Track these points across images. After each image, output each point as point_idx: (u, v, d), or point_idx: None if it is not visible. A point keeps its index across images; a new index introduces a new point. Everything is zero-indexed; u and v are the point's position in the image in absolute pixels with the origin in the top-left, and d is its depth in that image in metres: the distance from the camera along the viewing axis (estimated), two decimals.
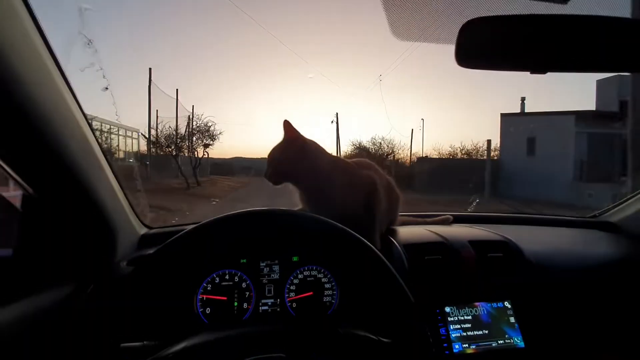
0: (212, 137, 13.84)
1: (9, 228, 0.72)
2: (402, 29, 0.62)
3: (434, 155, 18.44)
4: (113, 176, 0.82)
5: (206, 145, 13.80)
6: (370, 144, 17.30)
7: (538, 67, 0.56)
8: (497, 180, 12.83)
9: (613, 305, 0.89)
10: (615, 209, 1.33)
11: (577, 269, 0.92)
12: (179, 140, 13.29)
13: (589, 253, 1.00)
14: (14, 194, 0.70)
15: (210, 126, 13.81)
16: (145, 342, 0.57)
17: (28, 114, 0.54)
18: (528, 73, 0.58)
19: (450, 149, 18.13)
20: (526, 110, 15.24)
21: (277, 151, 0.94)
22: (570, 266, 0.92)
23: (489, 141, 13.69)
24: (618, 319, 0.88)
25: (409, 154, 17.79)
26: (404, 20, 0.61)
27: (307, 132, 0.90)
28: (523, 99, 15.39)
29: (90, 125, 0.72)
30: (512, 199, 10.10)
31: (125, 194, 0.89)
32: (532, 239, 0.98)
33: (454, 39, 0.57)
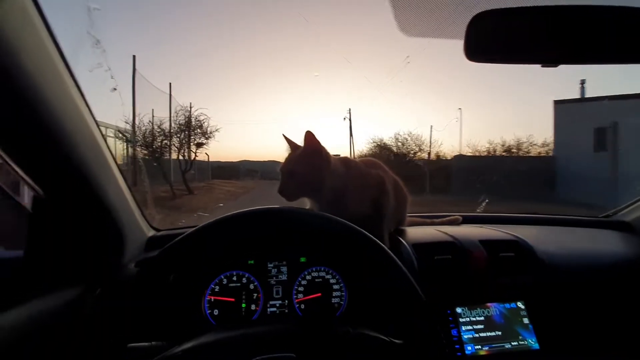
0: (206, 135, 11.50)
1: (19, 229, 0.72)
2: (409, 25, 0.62)
3: (468, 152, 15.10)
4: (121, 178, 0.83)
5: (199, 145, 11.57)
6: (394, 140, 15.08)
7: (550, 59, 0.55)
8: (553, 182, 10.53)
9: (629, 305, 0.86)
10: (629, 208, 1.30)
11: (591, 269, 0.90)
12: (163, 138, 10.93)
13: (603, 253, 0.98)
14: (24, 195, 0.70)
15: (203, 121, 11.47)
16: (153, 342, 0.56)
17: (38, 116, 0.55)
18: (539, 66, 0.57)
19: (488, 145, 14.86)
20: (587, 95, 11.73)
21: (295, 164, 0.87)
22: (584, 266, 0.90)
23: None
24: (634, 320, 0.85)
25: (438, 152, 14.97)
26: (410, 15, 0.61)
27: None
28: (582, 82, 11.98)
29: (99, 127, 0.72)
30: (577, 204, 7.42)
31: (133, 196, 0.90)
32: (544, 239, 0.96)
33: (462, 33, 0.57)
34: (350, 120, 19.63)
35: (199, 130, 11.47)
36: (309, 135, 0.84)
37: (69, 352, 0.65)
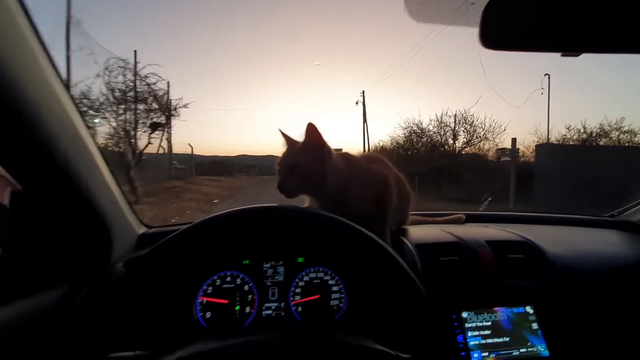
0: (165, 110, 7.51)
1: None
2: (419, 10, 0.57)
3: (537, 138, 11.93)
4: (109, 173, 0.78)
5: (155, 126, 7.81)
6: (436, 124, 11.74)
7: (571, 47, 0.51)
8: None
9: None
10: (635, 208, 1.27)
11: (602, 272, 0.86)
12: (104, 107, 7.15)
13: (612, 254, 0.94)
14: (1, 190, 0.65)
15: (156, 89, 7.23)
16: (137, 351, 0.52)
17: (15, 106, 0.50)
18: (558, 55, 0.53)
19: (566, 130, 11.74)
20: None
21: (296, 158, 0.81)
22: (594, 269, 0.86)
23: None
24: None
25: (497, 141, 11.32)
26: (420, 0, 0.56)
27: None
28: None
29: (83, 119, 0.67)
30: None
31: (122, 192, 0.85)
32: (551, 239, 0.92)
33: (477, 19, 0.52)
34: (364, 104, 17.95)
35: (152, 101, 7.22)
36: (311, 128, 0.79)
37: (49, 358, 0.61)
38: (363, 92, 18.40)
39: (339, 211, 0.69)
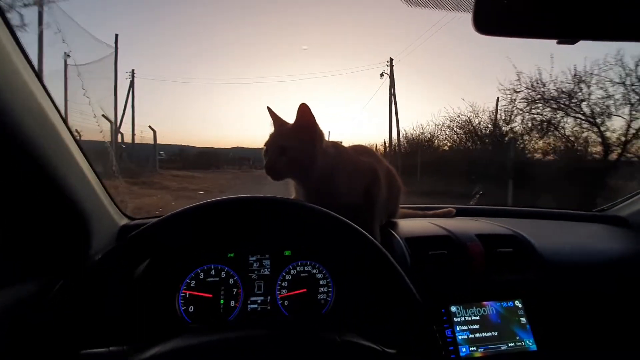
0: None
1: None
2: None
3: None
4: (85, 161, 0.74)
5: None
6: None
7: (568, 33, 0.49)
8: None
9: (630, 304, 0.83)
10: (624, 203, 1.27)
11: (590, 266, 0.86)
12: None
13: (602, 249, 0.94)
14: None
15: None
16: (111, 347, 0.49)
17: None
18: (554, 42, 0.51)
19: None
20: None
21: (287, 139, 0.78)
22: (583, 263, 0.86)
23: None
24: (635, 319, 0.81)
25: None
26: None
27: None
28: None
29: (53, 102, 0.63)
30: None
31: (101, 181, 0.81)
32: (541, 233, 0.91)
33: (470, 3, 0.50)
34: (391, 75, 13.97)
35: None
36: (304, 108, 0.75)
37: (20, 354, 0.58)
38: (390, 60, 14.15)
39: (326, 201, 0.66)
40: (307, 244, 0.81)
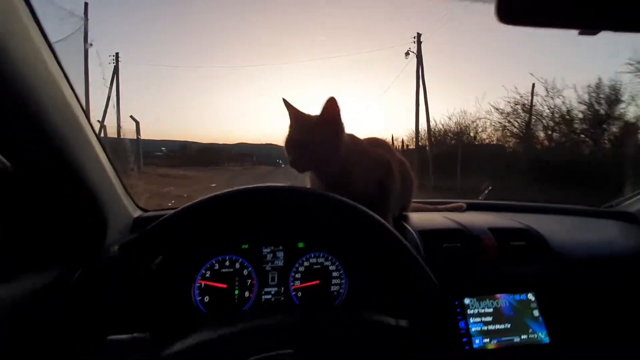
0: None
1: None
2: None
3: None
4: (103, 154, 0.75)
5: None
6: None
7: (589, 24, 0.49)
8: None
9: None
10: (634, 199, 1.27)
11: (601, 260, 0.86)
12: None
13: (612, 244, 0.94)
14: None
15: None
16: (135, 334, 0.50)
17: (4, 75, 0.47)
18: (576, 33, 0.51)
19: None
20: None
21: (310, 132, 0.77)
22: (595, 257, 0.86)
23: None
24: None
25: None
26: None
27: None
28: None
29: (77, 96, 0.64)
30: None
31: (117, 173, 0.82)
32: (552, 228, 0.91)
33: None
34: (419, 53, 11.78)
35: None
36: (332, 102, 0.76)
37: (41, 342, 0.59)
38: (418, 36, 12.01)
39: (342, 193, 0.67)
40: (321, 235, 0.81)
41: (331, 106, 0.76)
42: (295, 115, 0.82)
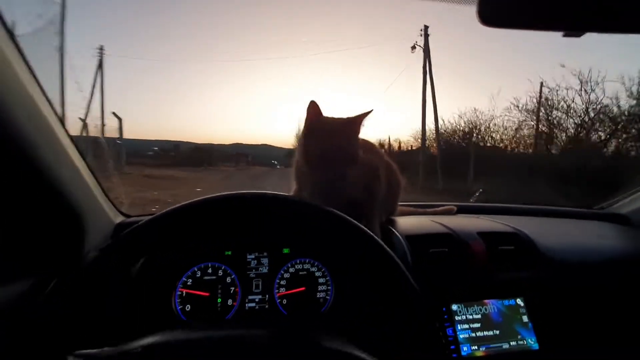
0: None
1: None
2: None
3: None
4: (80, 158, 0.72)
5: None
6: None
7: (573, 26, 0.48)
8: None
9: (631, 301, 0.82)
10: (624, 200, 1.27)
11: (592, 264, 0.85)
12: None
13: (603, 246, 0.93)
14: None
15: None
16: (105, 348, 0.48)
17: None
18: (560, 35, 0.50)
19: None
20: None
21: (346, 136, 0.77)
22: (585, 261, 0.85)
23: None
24: (636, 315, 0.81)
25: None
26: None
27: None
28: None
29: (45, 94, 0.61)
30: None
31: (96, 178, 0.80)
32: (542, 231, 0.90)
33: None
34: (426, 47, 10.96)
35: None
36: (365, 115, 0.78)
37: (16, 352, 0.56)
38: (425, 29, 11.17)
39: (332, 199, 0.65)
40: (306, 241, 0.80)
41: (364, 114, 0.78)
42: (316, 117, 0.78)
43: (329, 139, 0.75)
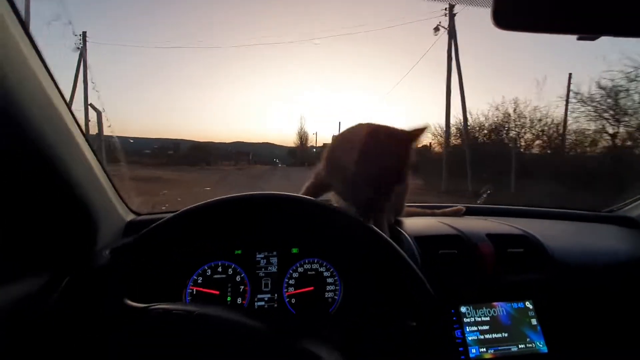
0: None
1: None
2: None
3: None
4: (93, 156, 0.73)
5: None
6: None
7: (588, 29, 0.48)
8: None
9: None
10: (634, 204, 1.26)
11: (601, 266, 0.84)
12: None
13: (612, 249, 0.92)
14: None
15: None
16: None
17: None
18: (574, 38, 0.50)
19: None
20: None
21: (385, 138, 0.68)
22: (595, 264, 0.84)
23: None
24: None
25: None
26: None
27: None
28: None
29: (62, 95, 0.62)
30: None
31: (108, 176, 0.81)
32: (551, 234, 0.90)
33: None
34: (451, 29, 9.76)
35: None
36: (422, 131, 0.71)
37: (30, 350, 0.58)
38: (450, 8, 9.87)
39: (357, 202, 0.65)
40: (315, 241, 0.80)
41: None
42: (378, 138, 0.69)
43: (385, 160, 0.68)
